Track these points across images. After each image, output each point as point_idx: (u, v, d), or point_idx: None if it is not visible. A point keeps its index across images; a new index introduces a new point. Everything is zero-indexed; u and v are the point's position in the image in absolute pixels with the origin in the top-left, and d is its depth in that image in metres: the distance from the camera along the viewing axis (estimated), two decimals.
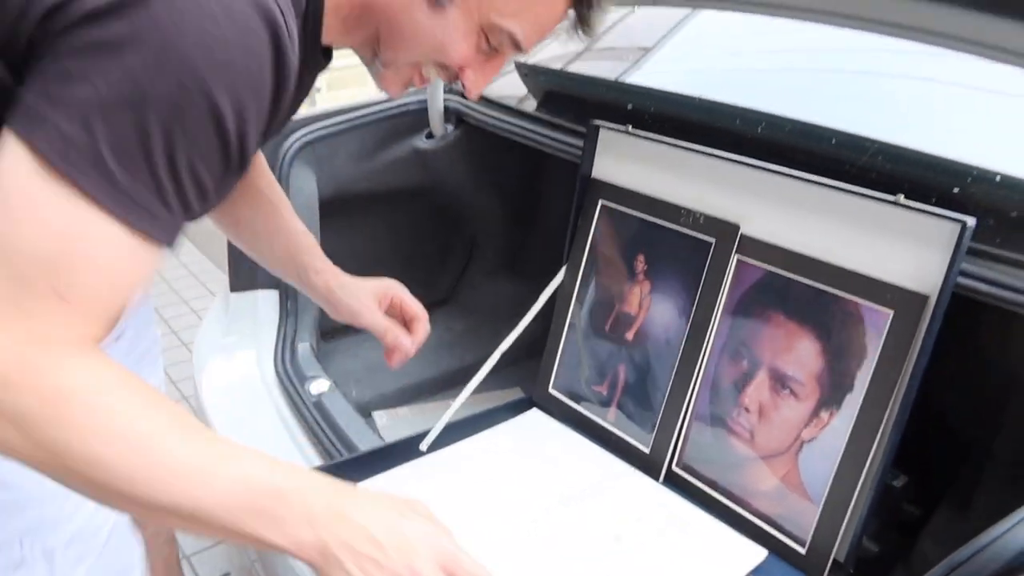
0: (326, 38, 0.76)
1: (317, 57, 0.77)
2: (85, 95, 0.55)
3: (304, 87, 0.79)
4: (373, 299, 1.09)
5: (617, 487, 1.06)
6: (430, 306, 1.90)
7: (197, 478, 0.59)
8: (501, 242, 1.88)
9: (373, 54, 0.78)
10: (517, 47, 0.77)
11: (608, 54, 1.93)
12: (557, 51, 1.97)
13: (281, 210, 1.08)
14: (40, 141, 0.56)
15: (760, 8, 1.16)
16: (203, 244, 3.69)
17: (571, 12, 0.77)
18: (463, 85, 0.79)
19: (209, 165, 0.61)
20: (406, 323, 1.12)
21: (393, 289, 1.11)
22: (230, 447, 0.63)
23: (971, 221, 0.82)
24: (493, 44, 0.76)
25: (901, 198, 0.86)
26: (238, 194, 1.02)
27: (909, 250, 0.86)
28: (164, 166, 0.58)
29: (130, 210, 0.58)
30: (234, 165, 0.63)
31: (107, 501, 0.61)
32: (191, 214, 0.63)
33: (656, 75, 1.62)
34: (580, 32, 0.78)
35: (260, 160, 1.06)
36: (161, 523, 0.70)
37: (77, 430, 0.56)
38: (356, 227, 1.74)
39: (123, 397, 0.59)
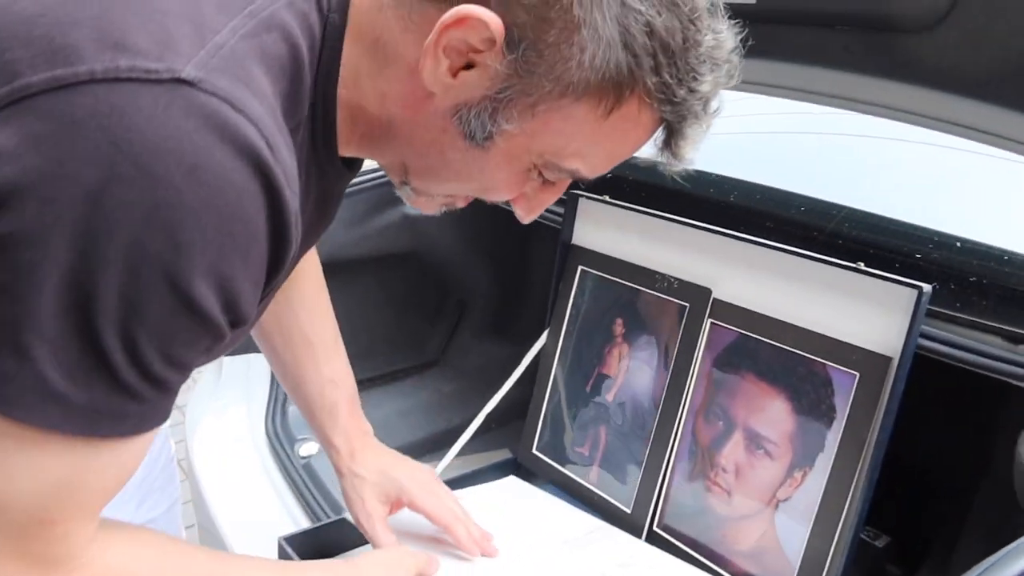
0: (343, 150, 0.65)
1: (335, 167, 0.66)
2: (8, 311, 0.46)
3: (328, 198, 0.71)
4: (380, 505, 0.94)
5: (600, 540, 1.08)
6: (419, 368, 1.94)
7: None
8: (489, 305, 1.92)
9: (402, 179, 0.67)
10: (582, 179, 0.65)
11: None
12: None
13: (317, 352, 0.96)
14: None
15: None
16: None
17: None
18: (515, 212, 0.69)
19: (189, 345, 0.52)
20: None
21: (416, 491, 0.94)
22: None
23: (927, 287, 0.86)
24: (549, 178, 0.65)
25: (861, 265, 0.91)
26: (269, 325, 0.93)
27: (871, 314, 0.90)
28: (127, 367, 0.49)
29: (94, 423, 0.50)
30: (225, 331, 0.53)
31: None
32: (171, 392, 0.55)
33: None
34: (668, 158, 0.64)
35: (304, 295, 0.95)
36: None
37: None
38: (349, 291, 1.78)
39: None
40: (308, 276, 0.96)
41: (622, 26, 0.54)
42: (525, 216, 0.69)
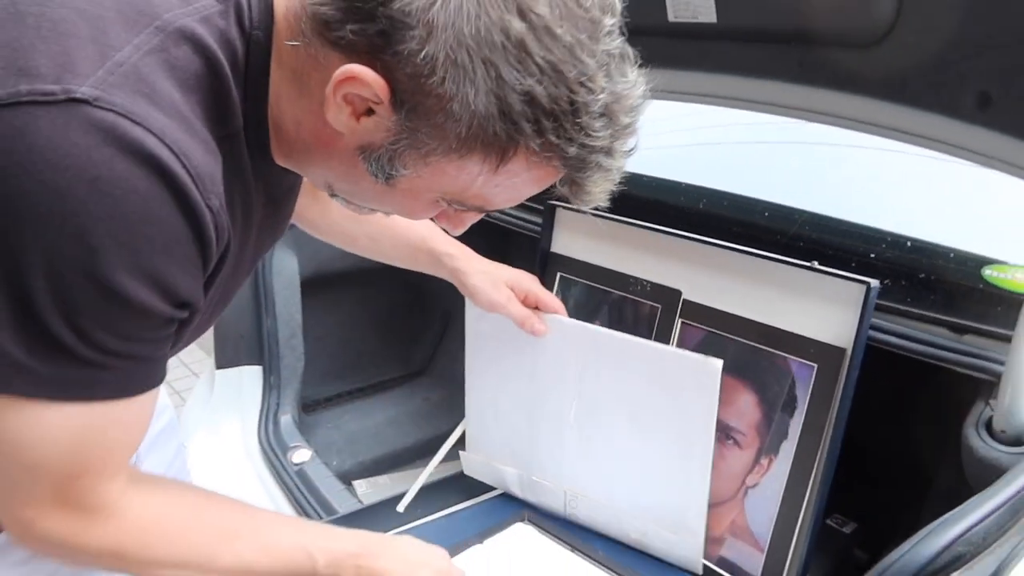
0: (277, 160, 0.69)
1: (275, 170, 0.70)
2: None
3: (278, 194, 0.76)
4: (508, 291, 1.10)
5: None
6: (407, 377, 1.99)
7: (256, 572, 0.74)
8: None
9: (330, 192, 0.72)
10: (489, 212, 0.70)
11: None
12: None
13: (395, 222, 1.08)
14: None
15: (703, 99, 1.31)
16: None
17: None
18: None
19: (141, 328, 0.59)
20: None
21: (527, 283, 1.11)
22: (268, 549, 0.75)
23: (875, 283, 0.93)
24: (459, 209, 0.70)
25: (815, 264, 0.98)
26: (335, 213, 1.05)
27: (826, 310, 0.97)
28: (76, 341, 0.56)
29: (53, 387, 0.58)
30: (174, 315, 0.61)
31: None
32: (153, 358, 0.63)
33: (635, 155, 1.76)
34: (579, 202, 0.68)
35: None
36: None
37: (129, 569, 0.70)
38: (337, 303, 1.84)
39: (163, 537, 0.70)
40: None
41: (498, 98, 0.57)
42: (452, 231, 0.75)
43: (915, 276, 1.09)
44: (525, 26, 0.56)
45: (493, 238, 1.85)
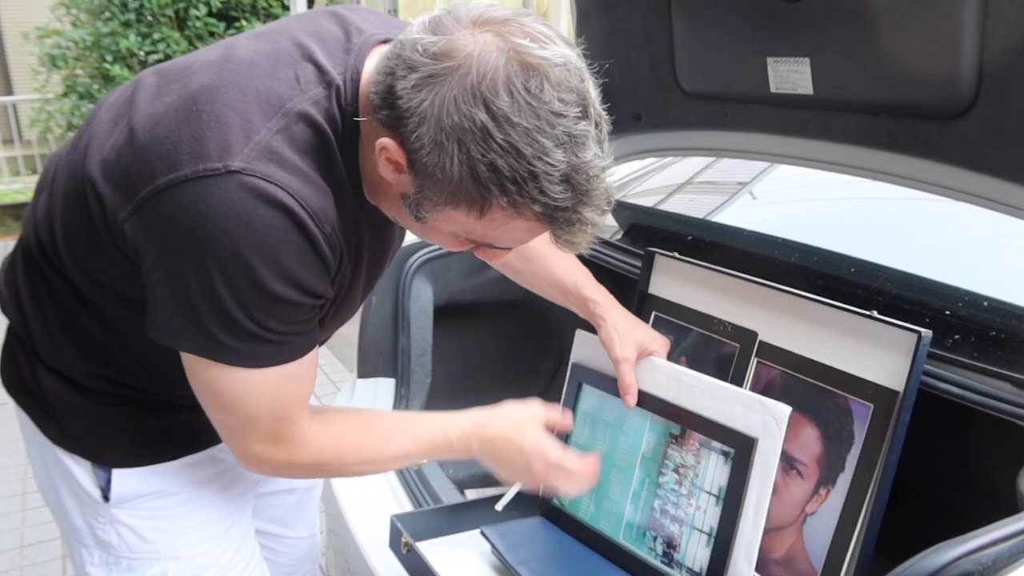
0: (369, 198, 0.95)
1: (371, 206, 0.95)
2: (188, 312, 0.85)
3: (380, 224, 1.00)
4: (634, 348, 1.22)
5: None
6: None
7: (415, 457, 1.09)
8: None
9: (400, 226, 1.03)
10: (504, 250, 0.92)
11: (707, 188, 2.23)
12: (663, 181, 2.27)
13: (555, 260, 1.29)
14: (191, 349, 0.89)
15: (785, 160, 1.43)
16: (336, 349, 4.15)
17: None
18: None
19: (295, 315, 0.89)
20: None
21: (652, 347, 1.23)
22: (417, 438, 1.07)
23: (927, 332, 1.02)
24: (479, 245, 0.91)
25: (875, 313, 1.08)
26: (520, 265, 1.30)
27: (883, 355, 1.07)
28: (265, 331, 0.87)
29: (268, 358, 0.90)
30: (313, 303, 0.90)
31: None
32: (309, 329, 0.93)
33: (737, 210, 1.90)
34: (561, 247, 0.87)
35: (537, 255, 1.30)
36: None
37: (333, 471, 1.11)
38: (465, 331, 2.06)
39: (354, 447, 1.03)
40: (535, 246, 1.28)
41: (469, 168, 0.78)
42: (490, 262, 1.02)
43: (986, 333, 1.15)
44: (488, 116, 0.76)
45: (610, 283, 2.02)
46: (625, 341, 1.22)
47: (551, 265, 1.29)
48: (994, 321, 1.17)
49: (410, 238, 1.22)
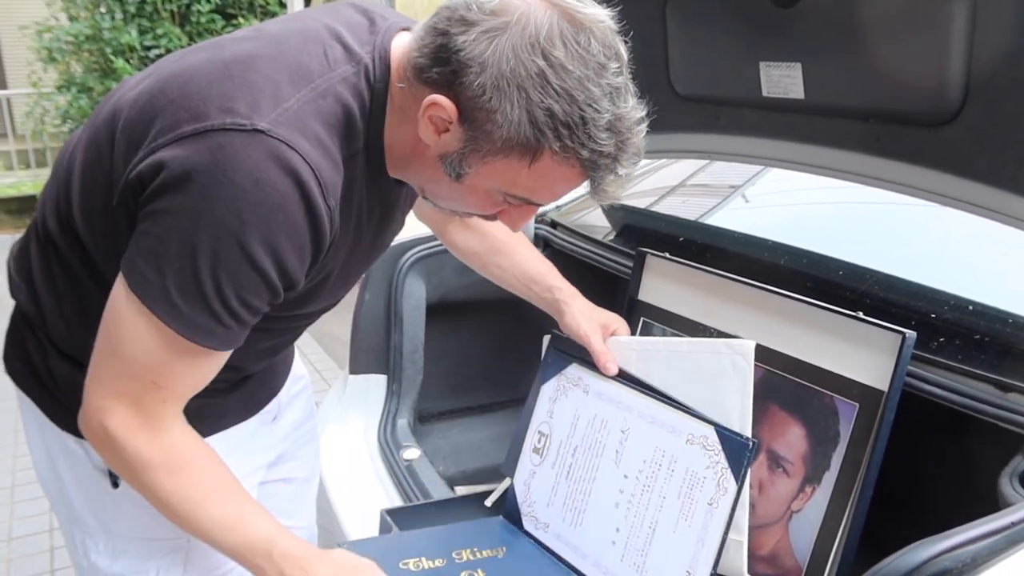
0: (391, 172, 0.97)
1: (387, 180, 0.98)
2: (155, 248, 0.84)
3: (390, 201, 1.02)
4: (598, 327, 1.26)
5: None
6: (513, 401, 2.19)
7: (218, 537, 0.96)
8: None
9: (423, 195, 1.04)
10: (537, 205, 0.95)
11: (700, 191, 2.24)
12: (655, 184, 2.29)
13: (521, 252, 1.34)
14: (131, 281, 0.86)
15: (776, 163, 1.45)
16: (328, 346, 4.15)
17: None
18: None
19: (255, 293, 0.86)
20: None
21: (615, 325, 1.28)
22: (244, 522, 0.96)
23: (911, 333, 1.04)
24: (513, 202, 0.94)
25: (860, 314, 1.10)
26: (475, 242, 1.33)
27: (868, 355, 1.09)
28: (215, 298, 0.84)
29: (192, 332, 0.86)
30: (281, 288, 0.88)
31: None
32: (246, 325, 0.90)
33: (730, 213, 1.92)
34: (597, 197, 0.91)
35: (504, 244, 1.33)
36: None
37: (150, 488, 0.94)
38: (457, 329, 2.07)
39: (187, 477, 0.94)
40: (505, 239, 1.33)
41: (527, 112, 0.83)
42: (511, 228, 1.01)
43: (970, 336, 1.17)
44: (546, 64, 0.82)
45: (604, 284, 2.03)
46: (590, 319, 1.26)
47: (517, 256, 1.34)
48: (978, 324, 1.19)
49: (405, 234, 1.24)
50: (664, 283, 1.44)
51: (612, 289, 2.11)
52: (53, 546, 2.64)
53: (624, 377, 1.22)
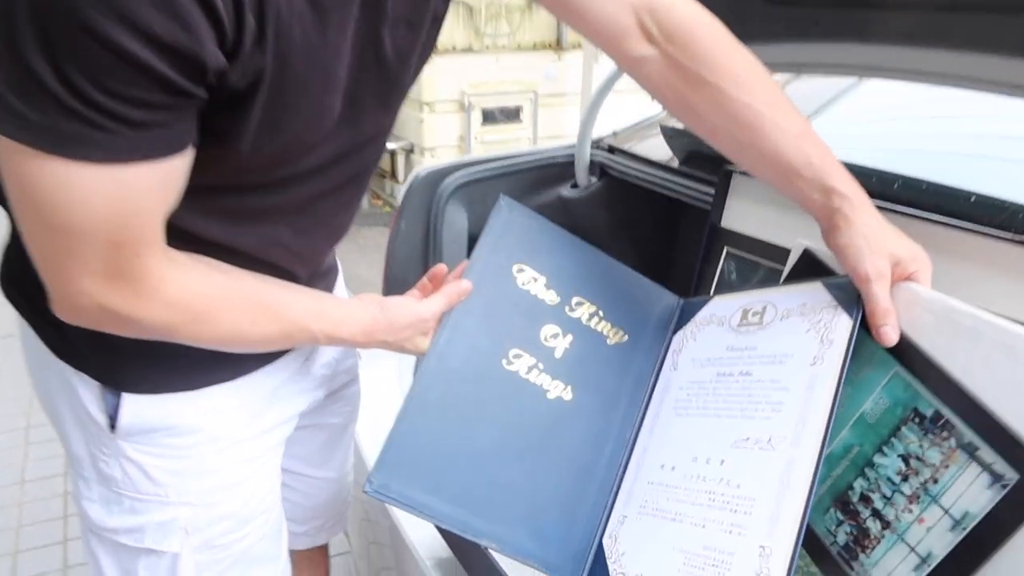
0: None
1: None
2: None
3: None
4: (888, 265, 0.82)
5: None
6: None
7: (299, 340, 0.86)
8: None
9: None
10: None
11: None
12: None
13: (778, 124, 0.88)
14: None
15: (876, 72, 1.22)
16: (356, 289, 4.00)
17: None
18: None
19: (121, 80, 0.57)
20: None
21: (914, 266, 0.83)
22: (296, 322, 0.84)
23: None
24: None
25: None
26: (706, 104, 0.90)
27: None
28: (65, 93, 0.57)
29: (60, 141, 0.59)
30: (169, 71, 0.58)
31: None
32: (141, 126, 0.61)
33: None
34: None
35: (737, 73, 0.89)
36: None
37: (195, 340, 0.78)
38: None
39: (219, 317, 0.78)
40: (731, 64, 0.91)
41: None
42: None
43: None
44: None
45: (666, 213, 1.83)
46: (876, 251, 0.82)
47: (771, 132, 0.87)
48: None
49: (445, 156, 1.04)
50: (751, 206, 1.23)
51: (673, 219, 1.91)
52: (67, 490, 2.53)
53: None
